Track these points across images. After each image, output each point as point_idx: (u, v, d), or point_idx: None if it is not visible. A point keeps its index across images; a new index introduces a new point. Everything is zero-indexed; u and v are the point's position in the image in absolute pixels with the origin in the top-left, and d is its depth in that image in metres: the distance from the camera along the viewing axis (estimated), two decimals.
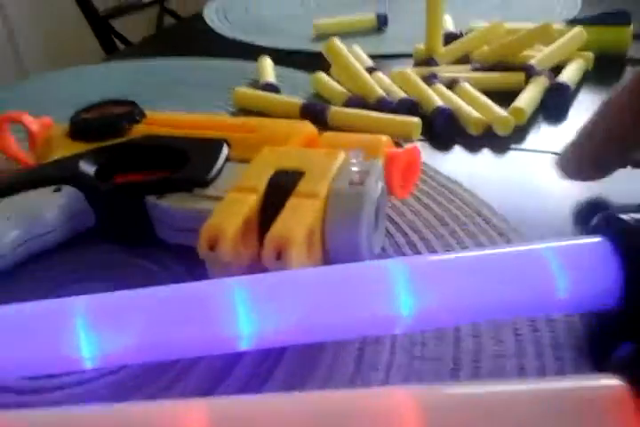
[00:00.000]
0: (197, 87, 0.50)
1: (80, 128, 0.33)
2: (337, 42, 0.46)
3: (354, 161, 0.25)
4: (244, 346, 0.20)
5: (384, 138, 0.29)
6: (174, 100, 0.48)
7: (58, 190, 0.29)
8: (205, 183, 0.28)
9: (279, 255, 0.23)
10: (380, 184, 0.26)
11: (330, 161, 0.27)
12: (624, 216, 0.20)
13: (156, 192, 0.28)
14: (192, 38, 0.67)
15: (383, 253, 0.28)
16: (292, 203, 0.25)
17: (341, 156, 0.27)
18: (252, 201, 0.25)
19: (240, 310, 0.19)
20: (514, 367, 0.21)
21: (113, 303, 0.21)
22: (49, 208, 0.29)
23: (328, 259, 0.25)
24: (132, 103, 0.35)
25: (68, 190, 0.30)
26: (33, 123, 0.36)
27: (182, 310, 0.20)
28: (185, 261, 0.29)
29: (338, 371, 0.22)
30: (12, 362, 0.20)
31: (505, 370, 0.21)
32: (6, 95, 0.51)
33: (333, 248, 0.25)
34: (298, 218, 0.24)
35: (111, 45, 1.03)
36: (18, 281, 0.29)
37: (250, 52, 0.56)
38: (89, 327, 0.20)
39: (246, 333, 0.20)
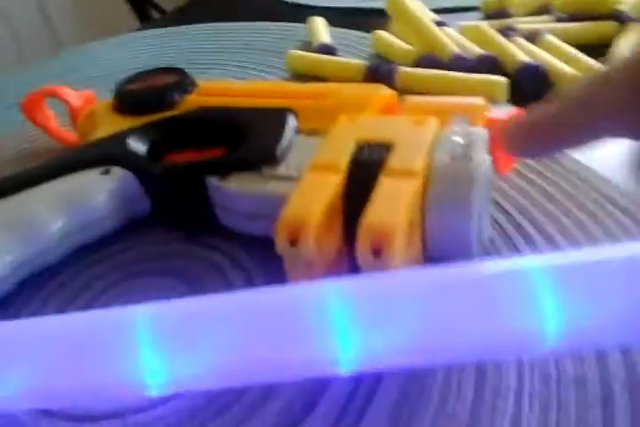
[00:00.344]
0: (245, 52, 0.46)
1: (126, 101, 0.29)
2: None
3: (456, 129, 0.21)
4: (343, 370, 0.16)
5: (481, 101, 0.25)
6: (222, 68, 0.44)
7: (106, 173, 0.26)
8: (274, 160, 0.24)
9: (377, 251, 0.19)
10: (488, 158, 0.22)
11: (423, 130, 0.22)
12: None
13: (218, 173, 0.25)
14: (230, 2, 0.62)
15: (492, 246, 0.24)
16: (383, 183, 0.20)
17: (434, 123, 0.23)
18: (334, 182, 0.21)
19: (345, 327, 0.15)
20: None
21: (183, 314, 0.17)
22: (97, 193, 0.25)
23: (427, 253, 0.21)
24: (181, 71, 0.31)
25: (117, 172, 0.26)
26: (73, 96, 0.33)
27: (271, 324, 0.16)
28: (255, 252, 0.25)
29: (453, 400, 0.18)
30: (60, 389, 0.16)
31: None
32: (42, 69, 0.48)
33: (437, 239, 0.21)
34: (395, 202, 0.19)
35: (145, 14, 0.99)
36: (64, 278, 0.25)
37: (294, 12, 0.51)
38: (155, 346, 0.16)
39: (348, 355, 0.16)
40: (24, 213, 0.24)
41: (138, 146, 0.27)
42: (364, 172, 0.21)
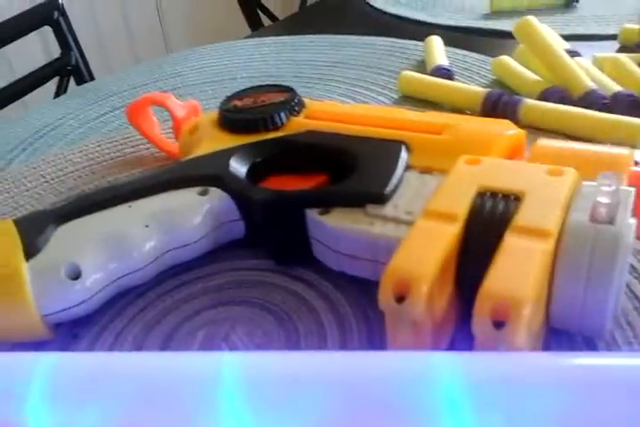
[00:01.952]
0: (354, 68, 0.44)
1: (231, 118, 0.28)
2: (533, 20, 0.37)
3: (605, 189, 0.18)
4: None
5: (627, 152, 0.22)
6: (328, 83, 0.42)
7: (204, 193, 0.25)
8: (382, 199, 0.22)
9: (499, 323, 0.16)
10: (634, 222, 0.19)
11: (558, 183, 0.20)
12: None
13: (320, 205, 0.23)
14: (342, 13, 0.61)
15: (624, 319, 0.20)
16: (509, 242, 0.18)
17: (573, 175, 0.20)
18: (450, 233, 0.19)
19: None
20: None
21: (275, 372, 0.15)
22: (193, 214, 0.24)
23: (550, 324, 0.19)
24: (291, 90, 0.29)
25: (215, 194, 0.25)
26: (178, 107, 0.32)
27: (365, 397, 0.14)
28: (351, 295, 0.23)
29: None
30: None
31: None
32: (147, 73, 0.48)
33: (567, 313, 0.18)
34: (523, 267, 0.17)
35: (257, 20, 1.00)
36: (151, 298, 0.24)
37: (410, 28, 0.49)
38: (238, 405, 0.15)
39: None
40: (118, 230, 0.23)
41: (239, 167, 0.25)
42: (487, 225, 0.19)
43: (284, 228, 0.24)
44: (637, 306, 0.21)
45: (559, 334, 0.20)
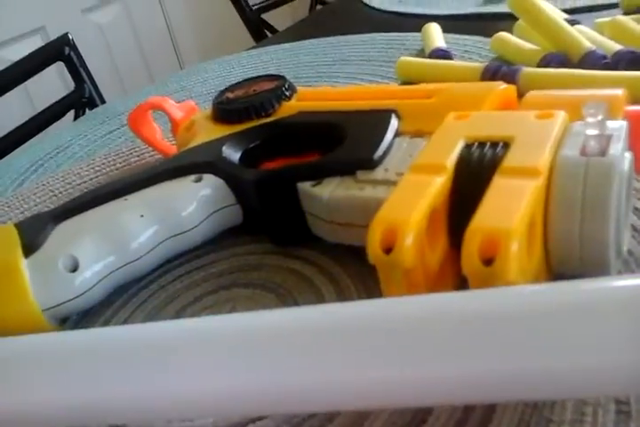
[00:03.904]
0: (354, 63, 0.44)
1: (222, 109, 0.28)
2: None
3: (591, 120, 0.17)
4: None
5: (621, 92, 0.21)
6: (331, 79, 0.42)
7: (198, 180, 0.24)
8: (371, 164, 0.22)
9: (488, 260, 0.15)
10: (629, 155, 0.18)
11: (547, 125, 0.19)
12: None
13: (311, 178, 0.22)
14: (339, 18, 0.61)
15: (630, 257, 0.19)
16: (498, 183, 0.17)
17: (563, 117, 0.19)
18: (438, 184, 0.18)
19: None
20: None
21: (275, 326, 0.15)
22: (189, 201, 0.24)
23: (553, 268, 0.18)
24: (281, 78, 0.29)
25: (209, 180, 0.24)
26: (175, 108, 0.32)
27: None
28: (349, 265, 0.23)
29: None
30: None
31: None
32: (156, 90, 0.49)
33: (564, 248, 0.17)
34: (511, 204, 0.16)
35: (261, 35, 1.01)
36: (154, 289, 0.24)
37: (408, 24, 0.49)
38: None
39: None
40: (114, 221, 0.23)
41: (231, 153, 0.25)
42: (475, 172, 0.18)
43: (279, 205, 0.23)
44: None
45: None
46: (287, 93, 0.28)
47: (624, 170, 0.17)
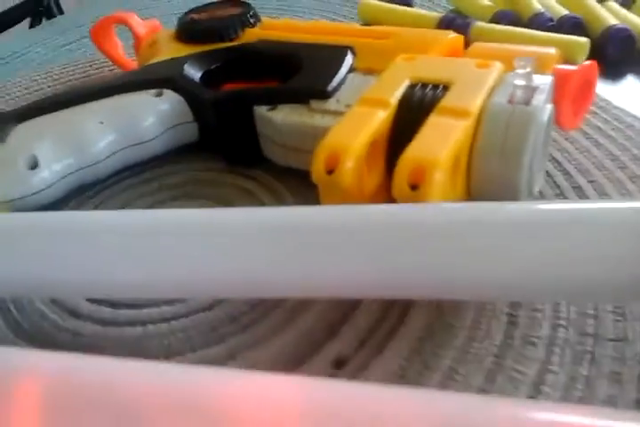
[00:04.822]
0: (321, 1, 0.45)
1: (188, 29, 0.29)
2: None
3: (519, 71, 0.20)
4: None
5: (553, 51, 0.23)
6: (296, 13, 0.43)
7: (159, 95, 0.26)
8: (324, 95, 0.23)
9: (414, 185, 0.18)
10: (550, 106, 0.20)
11: (484, 73, 0.21)
12: None
13: (267, 102, 0.24)
14: None
15: (540, 197, 0.22)
16: (433, 121, 0.19)
17: (498, 67, 0.21)
18: (381, 117, 0.20)
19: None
20: None
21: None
22: (148, 113, 0.25)
23: (472, 197, 0.20)
24: (247, 4, 0.30)
25: (169, 95, 0.26)
26: (140, 25, 0.33)
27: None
28: (294, 185, 0.25)
29: (478, 342, 0.17)
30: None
31: None
32: (120, 2, 0.48)
33: (484, 183, 0.19)
34: (441, 139, 0.18)
35: None
36: (112, 193, 0.26)
37: None
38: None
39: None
40: (74, 126, 0.24)
41: (193, 72, 0.27)
42: (415, 109, 0.20)
43: (235, 126, 0.25)
44: (557, 193, 0.23)
45: None
46: (251, 21, 0.29)
47: (544, 119, 0.20)
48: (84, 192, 0.26)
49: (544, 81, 0.20)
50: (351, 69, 0.25)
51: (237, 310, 0.19)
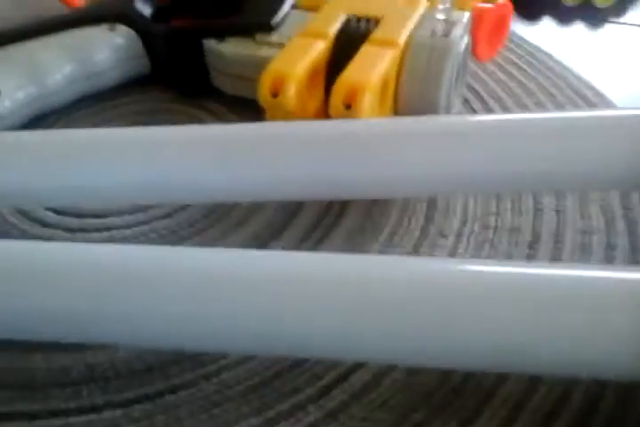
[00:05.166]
0: None
1: None
2: None
3: (440, 7, 0.22)
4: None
5: None
6: None
7: (112, 29, 0.27)
8: (269, 28, 0.26)
9: (349, 104, 0.20)
10: (466, 38, 0.23)
11: (411, 8, 0.24)
12: None
13: (216, 35, 0.26)
14: None
15: None
16: (365, 50, 0.22)
17: (423, 4, 0.24)
18: (320, 47, 0.23)
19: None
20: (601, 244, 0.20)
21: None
22: (103, 46, 0.27)
23: (398, 115, 0.23)
24: None
25: (122, 30, 0.27)
26: None
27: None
28: (240, 112, 0.27)
29: (400, 235, 0.21)
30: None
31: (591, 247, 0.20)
32: None
33: (408, 103, 0.22)
34: (372, 65, 0.21)
35: None
36: (68, 122, 0.27)
37: None
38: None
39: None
40: (34, 58, 0.26)
41: (144, 8, 0.28)
42: (350, 40, 0.23)
43: (185, 59, 0.27)
44: (469, 108, 0.26)
45: None
46: None
47: (461, 49, 0.23)
48: (43, 122, 0.27)
49: (462, 16, 0.23)
50: (294, 6, 0.27)
51: (193, 217, 0.22)
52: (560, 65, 0.28)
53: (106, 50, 0.27)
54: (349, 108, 0.20)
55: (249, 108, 0.24)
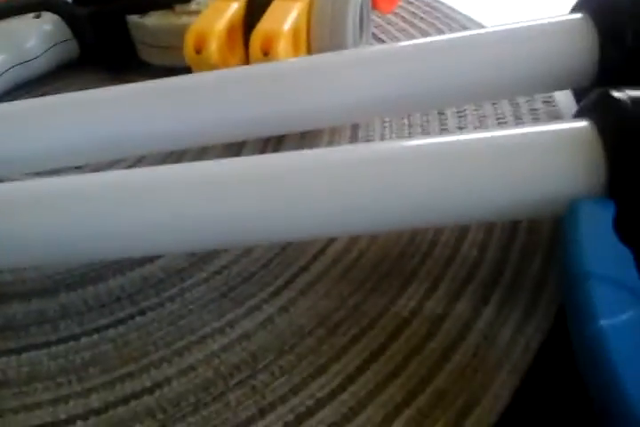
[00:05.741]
0: None
1: None
2: None
3: None
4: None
5: None
6: None
7: (38, 17, 0.29)
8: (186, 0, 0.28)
9: (266, 51, 0.23)
10: None
11: None
12: None
13: (138, 11, 0.28)
14: None
15: None
16: (277, 4, 0.24)
17: None
18: (235, 7, 0.25)
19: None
20: None
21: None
22: (31, 34, 0.28)
23: None
24: None
25: (48, 17, 0.29)
26: None
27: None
28: None
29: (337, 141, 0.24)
30: None
31: None
32: None
33: (319, 47, 0.25)
34: (283, 16, 0.23)
35: None
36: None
37: None
38: None
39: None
40: None
41: None
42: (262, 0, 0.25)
43: (111, 36, 0.29)
44: None
45: None
46: None
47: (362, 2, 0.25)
48: None
49: None
50: None
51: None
52: (453, 10, 0.31)
53: (34, 37, 0.28)
54: (267, 55, 0.23)
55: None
